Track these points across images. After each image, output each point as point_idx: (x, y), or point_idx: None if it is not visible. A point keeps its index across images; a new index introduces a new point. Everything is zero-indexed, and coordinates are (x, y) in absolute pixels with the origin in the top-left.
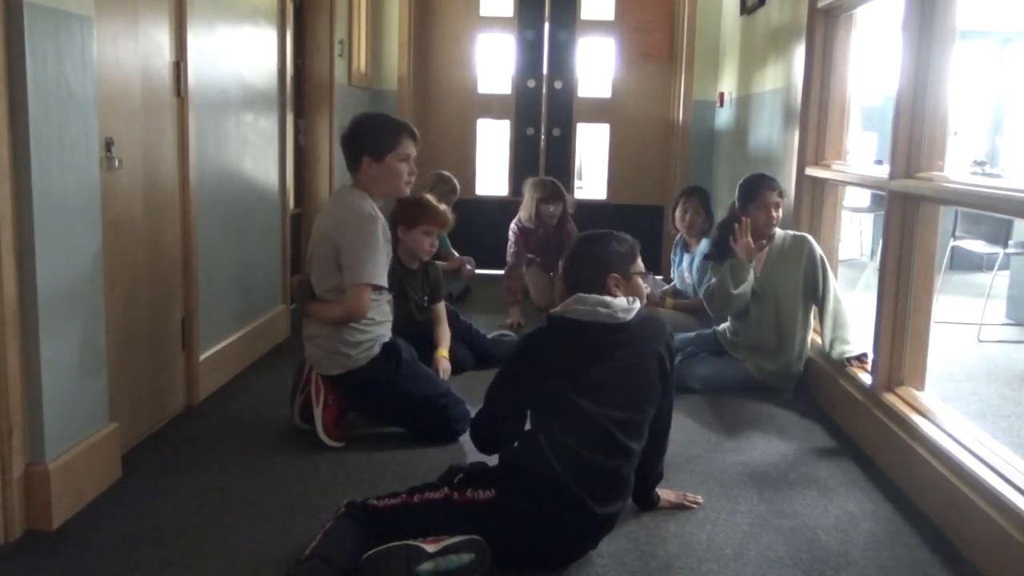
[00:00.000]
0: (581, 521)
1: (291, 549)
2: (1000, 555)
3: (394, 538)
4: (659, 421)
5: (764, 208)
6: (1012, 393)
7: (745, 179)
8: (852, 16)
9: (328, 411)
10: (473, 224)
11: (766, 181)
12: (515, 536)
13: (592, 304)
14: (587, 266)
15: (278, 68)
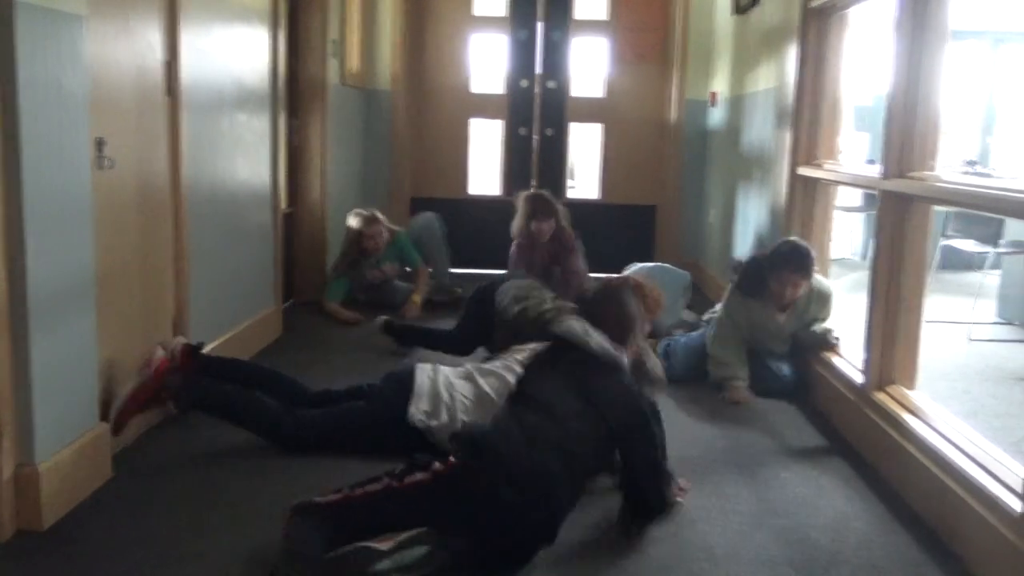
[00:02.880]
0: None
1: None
2: (991, 554)
3: (347, 533)
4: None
5: (782, 286)
6: (1003, 392)
7: (782, 247)
8: (844, 16)
9: (139, 396)
10: (466, 224)
11: (795, 264)
12: (459, 519)
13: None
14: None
15: (271, 67)
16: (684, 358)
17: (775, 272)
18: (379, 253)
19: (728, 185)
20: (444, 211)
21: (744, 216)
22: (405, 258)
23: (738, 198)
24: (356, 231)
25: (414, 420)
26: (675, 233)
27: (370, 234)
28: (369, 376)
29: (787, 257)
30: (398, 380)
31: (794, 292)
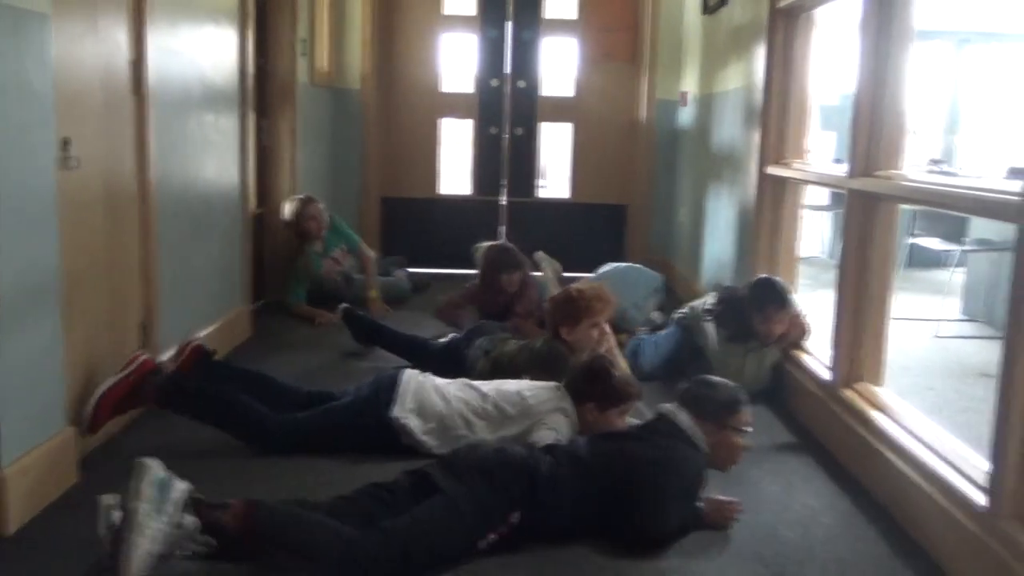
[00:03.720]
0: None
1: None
2: (956, 546)
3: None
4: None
5: (769, 323)
6: (967, 388)
7: (762, 285)
8: (811, 16)
9: (116, 393)
10: (435, 223)
11: (780, 301)
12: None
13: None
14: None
15: (239, 67)
16: (651, 357)
17: (760, 312)
18: (322, 236)
19: (698, 184)
20: (415, 211)
21: (714, 215)
22: (346, 240)
23: (708, 197)
24: (295, 215)
25: (397, 419)
26: (645, 232)
27: (310, 214)
28: (339, 375)
29: (770, 295)
30: (383, 382)
31: (781, 328)
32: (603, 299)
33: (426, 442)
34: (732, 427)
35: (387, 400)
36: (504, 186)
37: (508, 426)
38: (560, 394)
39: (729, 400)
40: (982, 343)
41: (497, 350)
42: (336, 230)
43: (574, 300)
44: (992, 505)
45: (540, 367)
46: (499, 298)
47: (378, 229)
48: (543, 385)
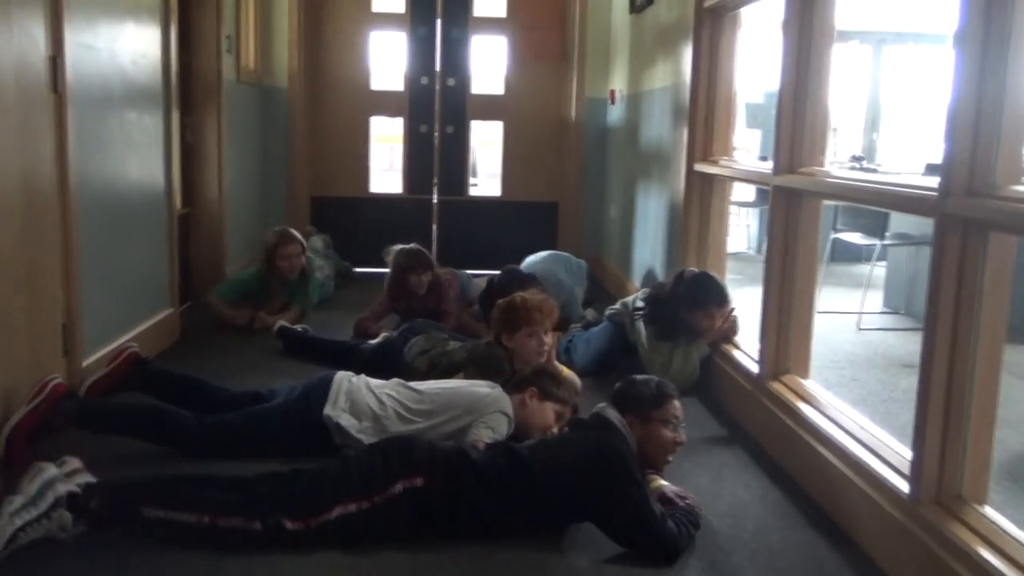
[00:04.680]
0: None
1: (184, 555)
2: (881, 532)
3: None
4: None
5: (712, 320)
6: (889, 379)
7: (699, 283)
8: (737, 16)
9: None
10: (367, 223)
11: (720, 297)
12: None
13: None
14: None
15: (163, 64)
16: (584, 353)
17: (704, 309)
18: (292, 276)
19: (628, 181)
20: (346, 210)
21: (644, 212)
22: (303, 292)
23: (638, 194)
24: (271, 246)
25: (330, 418)
26: (577, 229)
27: (284, 253)
28: (271, 375)
29: (708, 293)
30: (315, 383)
31: (720, 322)
32: (544, 310)
33: (362, 440)
34: (659, 420)
35: (319, 400)
36: (435, 184)
37: (446, 424)
38: (499, 393)
39: (654, 394)
40: (903, 335)
41: (436, 349)
42: (303, 282)
43: (515, 308)
44: (914, 492)
45: (477, 367)
46: (411, 301)
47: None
48: (482, 383)
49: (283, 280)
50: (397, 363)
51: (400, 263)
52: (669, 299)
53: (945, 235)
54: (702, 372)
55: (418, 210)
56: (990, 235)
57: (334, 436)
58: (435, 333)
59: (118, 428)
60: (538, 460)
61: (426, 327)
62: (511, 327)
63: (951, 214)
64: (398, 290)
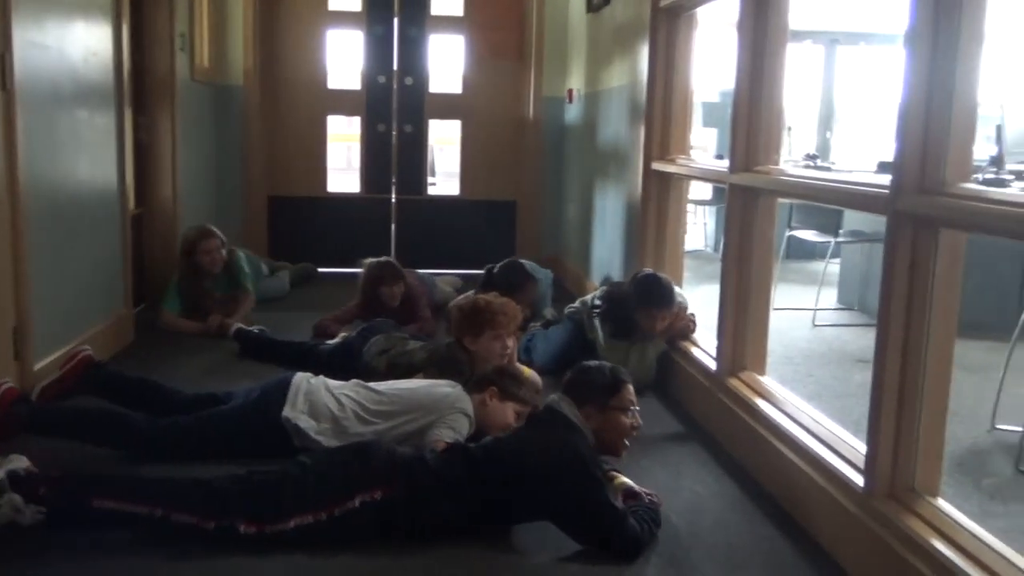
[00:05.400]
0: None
1: (140, 555)
2: (836, 526)
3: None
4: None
5: (652, 320)
6: (843, 374)
7: (645, 283)
8: (693, 15)
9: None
10: (324, 222)
11: (662, 299)
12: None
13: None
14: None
15: (115, 62)
16: (544, 351)
17: (643, 309)
18: (215, 270)
19: (586, 180)
20: (303, 210)
21: (602, 210)
22: (237, 281)
23: (596, 193)
24: (188, 244)
25: (288, 420)
26: (535, 228)
27: (205, 248)
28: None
29: (652, 294)
30: (273, 385)
31: (663, 323)
32: (508, 313)
33: (322, 441)
34: (616, 407)
35: (277, 402)
36: (394, 184)
37: (406, 424)
38: (460, 393)
39: (608, 381)
40: (857, 330)
41: (395, 349)
42: (232, 272)
43: (479, 311)
44: (868, 485)
45: (436, 368)
46: (382, 312)
47: (265, 229)
48: (442, 383)
49: (209, 275)
50: (356, 363)
51: (372, 275)
52: (624, 298)
53: (897, 232)
54: (660, 369)
55: (376, 210)
56: (941, 232)
57: (293, 438)
58: (394, 333)
59: (71, 432)
60: (496, 463)
61: (385, 327)
62: (475, 330)
63: (903, 211)
64: (370, 302)
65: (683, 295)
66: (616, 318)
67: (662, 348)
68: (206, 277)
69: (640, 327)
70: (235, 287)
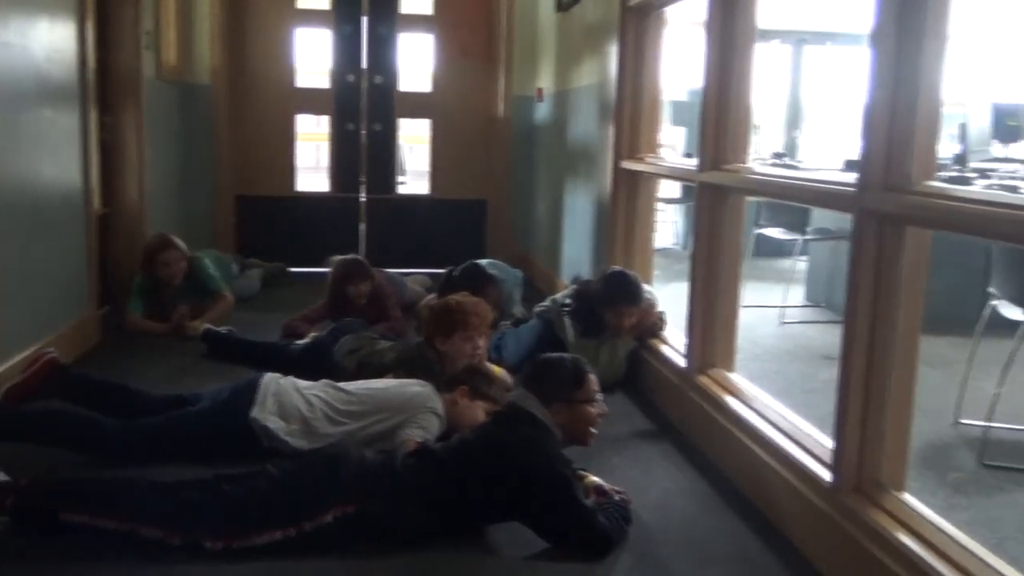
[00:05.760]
0: None
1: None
2: (804, 521)
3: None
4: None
5: (619, 318)
6: (811, 370)
7: (613, 281)
8: (661, 14)
9: None
10: (293, 222)
11: (629, 297)
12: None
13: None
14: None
15: (79, 60)
16: (514, 350)
17: (612, 306)
18: (174, 282)
19: (556, 179)
20: (272, 209)
21: (572, 209)
22: (204, 288)
23: (565, 191)
24: (149, 253)
25: (257, 421)
26: (505, 227)
27: (163, 260)
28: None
29: (620, 291)
30: (242, 386)
31: (631, 320)
32: (479, 313)
33: (291, 442)
34: (581, 399)
35: (246, 403)
36: (363, 183)
37: (376, 424)
38: (430, 392)
39: (571, 375)
40: (824, 327)
41: (365, 349)
42: (198, 280)
43: (451, 311)
44: (836, 480)
45: (406, 367)
46: (350, 311)
47: (234, 228)
48: (412, 383)
49: (169, 286)
50: (326, 364)
51: (339, 273)
52: (593, 296)
53: (863, 229)
54: (630, 367)
55: (345, 209)
56: (906, 229)
57: (262, 439)
58: (364, 333)
59: (37, 436)
60: (464, 464)
61: (355, 327)
62: (446, 330)
63: (869, 209)
64: (338, 301)
65: (652, 293)
66: (585, 316)
67: (632, 346)
68: (167, 288)
69: (609, 325)
70: (204, 295)
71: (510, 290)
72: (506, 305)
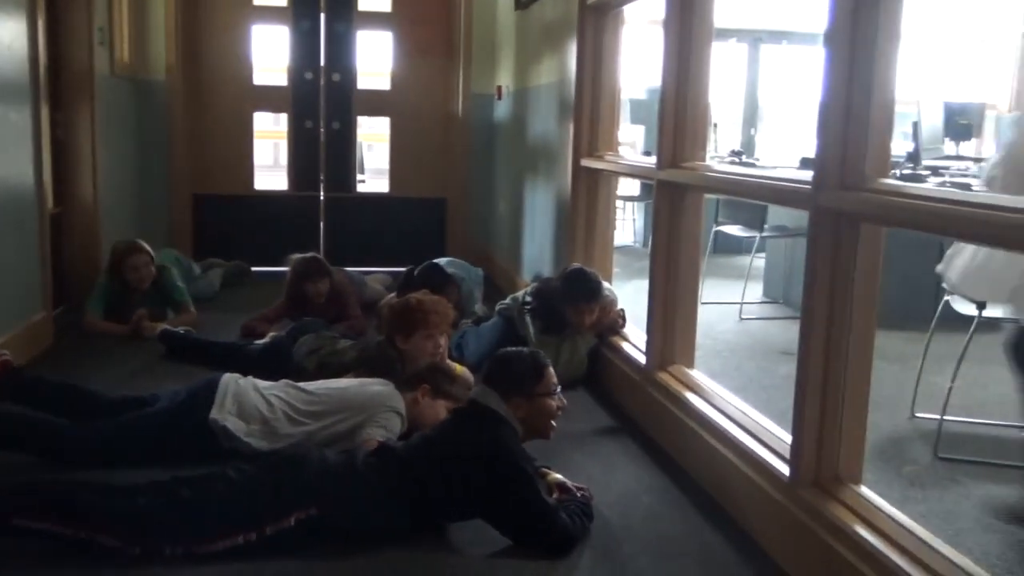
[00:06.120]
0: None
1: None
2: (764, 515)
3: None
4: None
5: (580, 315)
6: (769, 365)
7: (572, 278)
8: (620, 13)
9: None
10: (252, 220)
11: (588, 294)
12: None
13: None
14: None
15: (30, 56)
16: (476, 348)
17: (572, 304)
18: (142, 287)
19: (516, 177)
20: (230, 208)
21: (532, 207)
22: (170, 299)
23: (526, 189)
24: (117, 257)
25: (216, 422)
26: (465, 225)
27: (132, 264)
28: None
29: (579, 288)
30: (200, 386)
31: (591, 317)
32: (440, 312)
33: (251, 443)
34: (541, 393)
35: (205, 404)
36: (322, 181)
37: (337, 424)
38: (391, 391)
39: (530, 369)
40: (782, 323)
41: (325, 349)
42: (161, 288)
43: (411, 310)
44: (794, 474)
45: (367, 367)
46: (309, 310)
47: (191, 227)
48: (373, 382)
49: (136, 291)
50: (286, 363)
51: (297, 271)
52: (553, 293)
53: (819, 227)
54: (590, 364)
55: (305, 207)
56: (861, 226)
57: (221, 440)
58: (324, 332)
59: None
60: (426, 462)
61: (315, 326)
62: (407, 329)
63: (824, 206)
64: (296, 299)
65: (612, 290)
66: (546, 314)
67: (592, 343)
68: (134, 293)
69: (570, 322)
70: (168, 304)
71: (471, 288)
72: (466, 304)
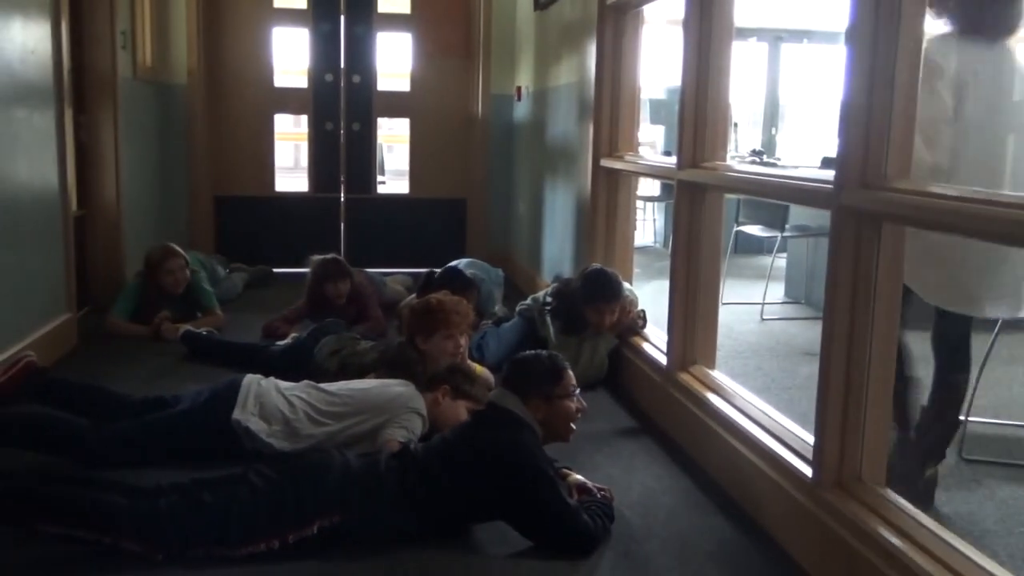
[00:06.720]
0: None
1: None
2: (786, 517)
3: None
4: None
5: (600, 315)
6: (791, 366)
7: (592, 278)
8: (639, 13)
9: None
10: (273, 222)
11: (608, 294)
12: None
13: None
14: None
15: (54, 60)
16: (496, 349)
17: (592, 304)
18: (177, 291)
19: (535, 177)
20: (251, 210)
21: (552, 207)
22: (196, 303)
23: (545, 190)
24: (151, 263)
25: (239, 423)
26: (485, 226)
27: (169, 268)
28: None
29: (599, 289)
30: (222, 387)
31: (611, 318)
32: (461, 312)
33: (273, 444)
34: (560, 395)
35: (227, 405)
36: (342, 183)
37: (358, 425)
38: (412, 392)
39: (550, 371)
40: (804, 324)
41: (346, 350)
42: (191, 293)
43: (432, 311)
44: (816, 475)
45: (388, 367)
46: (329, 311)
47: (212, 229)
48: (394, 383)
49: (168, 296)
50: (307, 364)
51: (317, 272)
52: (573, 294)
53: (841, 226)
54: (611, 364)
55: (325, 209)
56: (883, 226)
57: (243, 441)
58: (345, 333)
59: (13, 439)
60: (445, 465)
61: (336, 327)
62: (428, 329)
63: (846, 206)
64: (317, 300)
65: (632, 291)
66: (566, 314)
67: (613, 343)
68: (165, 299)
69: (590, 323)
70: (196, 308)
71: (490, 289)
72: (486, 305)
